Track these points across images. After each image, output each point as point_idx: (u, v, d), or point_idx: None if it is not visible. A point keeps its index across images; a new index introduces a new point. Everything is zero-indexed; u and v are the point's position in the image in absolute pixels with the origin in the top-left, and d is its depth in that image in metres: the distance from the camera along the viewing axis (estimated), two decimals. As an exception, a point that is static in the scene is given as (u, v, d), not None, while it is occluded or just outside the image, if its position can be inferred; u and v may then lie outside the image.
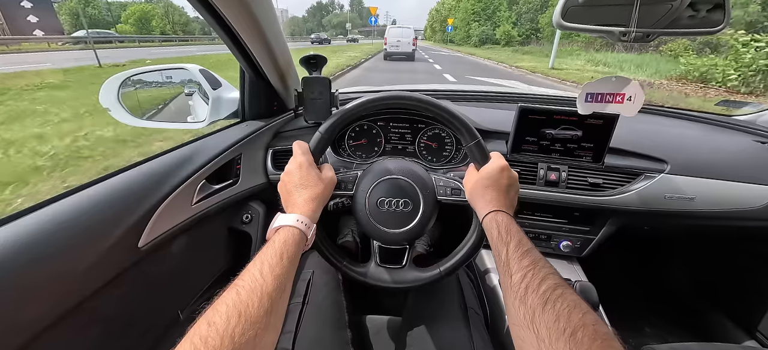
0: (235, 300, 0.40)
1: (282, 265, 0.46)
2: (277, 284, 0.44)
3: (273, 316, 0.42)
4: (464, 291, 0.82)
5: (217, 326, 0.36)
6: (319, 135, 0.65)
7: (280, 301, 0.45)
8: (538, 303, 0.40)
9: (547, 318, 0.38)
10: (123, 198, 0.63)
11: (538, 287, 0.42)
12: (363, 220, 0.68)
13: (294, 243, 0.51)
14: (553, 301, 0.39)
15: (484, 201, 0.58)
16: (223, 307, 0.39)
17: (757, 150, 1.01)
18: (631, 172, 0.91)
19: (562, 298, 0.39)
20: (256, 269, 0.44)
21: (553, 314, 0.38)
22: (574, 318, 0.37)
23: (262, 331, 0.39)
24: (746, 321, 1.20)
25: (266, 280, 0.43)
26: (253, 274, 0.44)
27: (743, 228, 0.99)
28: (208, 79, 0.99)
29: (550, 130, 0.89)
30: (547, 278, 0.43)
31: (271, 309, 0.41)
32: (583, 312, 0.38)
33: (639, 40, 0.60)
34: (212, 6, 0.63)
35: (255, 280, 0.43)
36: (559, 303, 0.39)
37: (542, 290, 0.41)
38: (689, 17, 0.66)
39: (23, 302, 0.48)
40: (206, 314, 0.38)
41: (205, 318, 0.38)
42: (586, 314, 0.37)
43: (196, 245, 0.85)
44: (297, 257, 0.51)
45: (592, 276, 0.98)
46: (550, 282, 0.42)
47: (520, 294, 0.43)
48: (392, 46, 16.91)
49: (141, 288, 0.69)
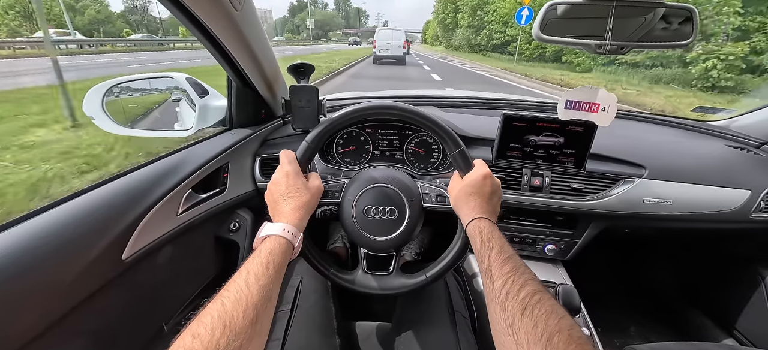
0: (220, 311, 0.40)
1: (268, 275, 0.46)
2: (262, 294, 0.44)
3: (258, 326, 0.42)
4: (451, 295, 0.84)
5: (201, 338, 0.36)
6: (306, 144, 0.66)
7: (266, 311, 0.45)
8: (517, 309, 0.41)
9: (526, 323, 0.39)
10: (107, 210, 0.63)
11: (518, 293, 0.43)
12: (350, 228, 0.69)
13: (280, 252, 0.51)
14: (532, 307, 0.41)
15: (468, 209, 0.59)
16: (207, 319, 0.39)
17: (731, 154, 1.06)
18: (612, 177, 0.94)
19: (540, 304, 0.41)
20: (241, 279, 0.45)
21: (531, 320, 0.39)
22: (551, 324, 0.38)
23: (247, 341, 0.39)
24: (725, 319, 1.24)
25: (252, 291, 0.43)
26: (238, 285, 0.44)
27: (719, 229, 1.03)
28: (194, 87, 0.99)
29: (534, 137, 0.91)
30: (527, 284, 0.44)
31: (256, 319, 0.41)
32: (559, 317, 0.39)
33: (614, 52, 0.62)
34: (195, 17, 0.63)
35: (240, 291, 0.43)
36: (537, 309, 0.40)
37: (522, 296, 0.42)
38: (662, 30, 0.69)
39: (5, 316, 0.48)
40: (191, 326, 0.38)
41: (190, 330, 0.38)
42: (562, 319, 0.39)
43: (182, 255, 0.84)
44: (283, 266, 0.51)
45: (577, 279, 1.00)
46: (529, 288, 0.43)
47: (501, 300, 0.44)
48: (382, 49, 15.75)
49: (125, 301, 0.69)
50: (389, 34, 16.04)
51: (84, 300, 0.58)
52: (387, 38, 15.88)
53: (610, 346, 1.21)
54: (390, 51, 15.76)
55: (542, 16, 0.66)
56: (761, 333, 1.11)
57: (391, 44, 15.71)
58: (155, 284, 0.76)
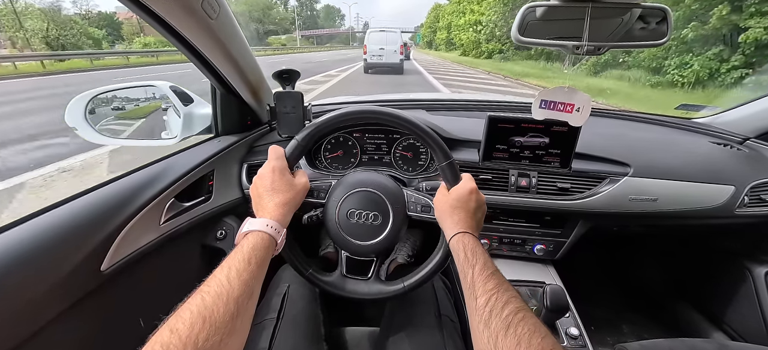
0: (199, 306, 0.39)
1: (250, 270, 0.46)
2: (244, 289, 0.44)
3: (239, 320, 0.42)
4: (439, 299, 0.83)
5: (179, 332, 0.36)
6: (296, 142, 0.66)
7: (248, 306, 0.44)
8: (501, 327, 0.41)
9: (510, 342, 0.40)
10: (85, 222, 0.61)
11: (501, 311, 0.43)
12: (333, 230, 0.68)
13: (263, 248, 0.51)
14: (515, 325, 0.41)
15: (452, 222, 0.59)
16: (186, 313, 0.38)
17: (714, 151, 1.07)
18: (597, 176, 0.94)
19: (523, 322, 0.41)
20: (222, 275, 0.44)
21: (514, 338, 0.39)
22: (534, 343, 0.38)
23: (227, 336, 0.39)
24: (715, 314, 1.25)
25: (233, 286, 0.43)
26: (219, 280, 0.43)
27: (705, 225, 1.04)
28: (179, 95, 0.98)
29: (519, 138, 0.91)
30: (510, 301, 0.44)
31: (237, 313, 0.41)
32: (542, 336, 0.39)
33: (591, 53, 0.63)
34: (172, 27, 0.63)
35: (221, 285, 0.42)
36: (520, 328, 0.40)
37: (505, 314, 0.43)
38: (640, 30, 0.70)
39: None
40: (169, 321, 0.38)
41: (168, 325, 0.37)
42: (544, 338, 0.39)
43: (166, 265, 0.83)
44: (266, 262, 0.51)
45: (568, 279, 1.00)
46: (513, 305, 0.44)
47: (484, 317, 0.44)
48: (374, 56, 12.67)
49: (104, 314, 0.67)
50: (382, 38, 12.86)
51: (60, 313, 0.56)
52: (380, 42, 12.78)
53: (603, 345, 1.21)
54: (384, 58, 12.76)
55: (521, 19, 0.66)
56: (750, 326, 1.12)
57: (385, 49, 12.67)
58: (137, 296, 0.75)
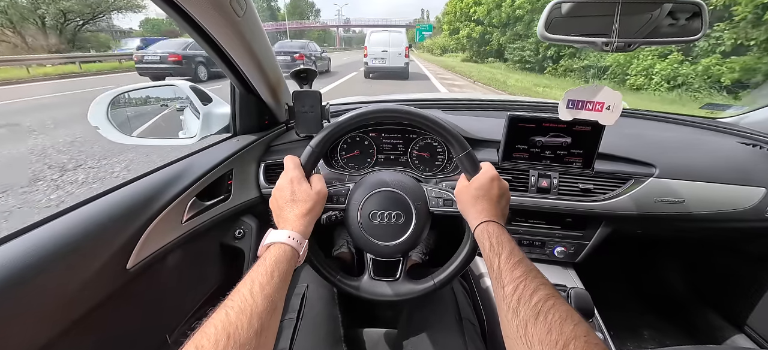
0: (224, 322, 0.39)
1: (273, 284, 0.46)
2: (267, 303, 0.43)
3: (263, 336, 0.41)
4: (458, 301, 0.82)
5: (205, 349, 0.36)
6: (311, 149, 0.65)
7: (272, 320, 0.44)
8: (530, 315, 0.40)
9: (540, 330, 0.38)
10: (111, 220, 0.62)
11: (530, 298, 0.42)
12: (356, 233, 0.68)
13: (285, 260, 0.50)
14: (545, 313, 0.39)
15: (476, 212, 0.58)
16: (211, 330, 0.38)
17: (743, 151, 1.03)
18: (621, 177, 0.92)
19: (554, 309, 0.39)
20: (246, 289, 0.44)
21: (545, 326, 0.38)
22: (566, 330, 0.37)
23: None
24: (741, 321, 1.21)
25: (256, 300, 0.42)
26: (242, 294, 0.43)
27: (733, 228, 1.00)
28: (198, 95, 0.99)
29: (540, 138, 0.89)
30: (539, 289, 0.43)
31: (260, 330, 0.41)
32: (574, 323, 0.37)
33: (621, 50, 0.61)
34: (198, 23, 0.63)
35: (244, 300, 0.42)
36: (551, 315, 0.39)
37: (534, 302, 0.41)
38: (669, 26, 0.68)
39: (6, 328, 0.47)
40: (194, 337, 0.38)
41: (194, 342, 0.37)
42: (577, 325, 0.37)
43: (187, 263, 0.84)
44: (289, 274, 0.51)
45: (589, 282, 0.98)
46: (542, 292, 0.42)
47: (512, 306, 0.43)
48: (375, 59, 11.14)
49: (130, 311, 0.68)
50: (385, 38, 11.31)
51: (88, 311, 0.57)
52: (382, 44, 11.21)
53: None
54: (387, 61, 11.24)
55: (547, 16, 0.65)
56: None
57: (389, 51, 11.14)
58: (159, 293, 0.76)
